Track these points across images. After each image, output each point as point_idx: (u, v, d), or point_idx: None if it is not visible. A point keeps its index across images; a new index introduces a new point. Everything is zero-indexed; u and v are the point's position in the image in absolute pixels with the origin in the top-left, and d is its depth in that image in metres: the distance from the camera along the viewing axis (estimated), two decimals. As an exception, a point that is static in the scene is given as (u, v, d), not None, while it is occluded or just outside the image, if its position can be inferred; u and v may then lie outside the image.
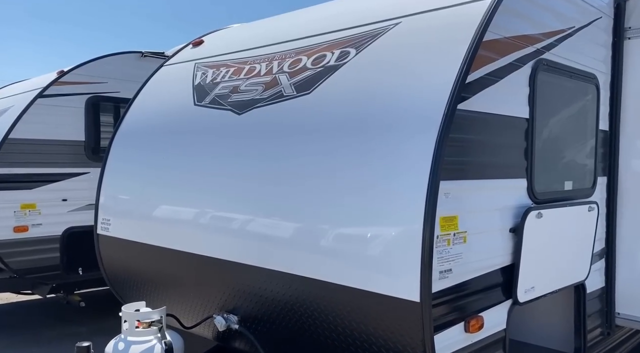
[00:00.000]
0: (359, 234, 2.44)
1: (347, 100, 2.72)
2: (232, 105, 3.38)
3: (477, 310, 2.53)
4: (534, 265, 2.83)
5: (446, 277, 2.34)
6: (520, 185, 2.83)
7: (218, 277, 3.20)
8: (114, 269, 4.04)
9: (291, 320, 2.80)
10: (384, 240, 2.35)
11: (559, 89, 3.10)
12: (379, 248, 2.36)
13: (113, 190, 4.05)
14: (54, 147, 6.03)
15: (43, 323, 6.54)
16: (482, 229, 2.56)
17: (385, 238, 2.34)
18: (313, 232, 2.63)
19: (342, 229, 2.52)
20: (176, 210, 3.48)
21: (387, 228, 2.35)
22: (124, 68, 6.48)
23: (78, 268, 6.07)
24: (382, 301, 2.34)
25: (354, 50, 2.96)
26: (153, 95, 4.24)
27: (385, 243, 2.34)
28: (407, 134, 2.38)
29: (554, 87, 3.04)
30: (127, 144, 4.10)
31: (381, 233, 2.36)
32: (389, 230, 2.33)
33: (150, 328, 2.83)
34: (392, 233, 2.32)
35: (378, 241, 2.37)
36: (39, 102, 5.95)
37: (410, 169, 2.31)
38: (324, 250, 2.56)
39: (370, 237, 2.40)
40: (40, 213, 5.91)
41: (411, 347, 2.29)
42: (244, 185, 3.07)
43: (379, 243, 2.36)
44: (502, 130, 2.69)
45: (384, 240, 2.35)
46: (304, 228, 2.69)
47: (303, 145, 2.81)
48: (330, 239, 2.56)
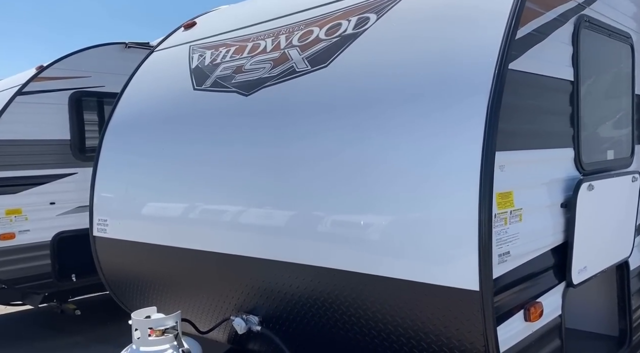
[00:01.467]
0: (403, 218, 2.15)
1: (374, 71, 2.42)
2: (238, 86, 3.06)
3: (535, 296, 2.26)
4: (586, 243, 2.57)
5: (505, 260, 2.06)
6: (568, 155, 2.57)
7: (234, 274, 2.89)
8: (114, 273, 3.71)
9: (322, 318, 2.51)
10: (433, 222, 2.06)
11: (599, 49, 2.84)
12: (428, 232, 2.07)
13: (108, 189, 3.71)
14: (38, 148, 5.65)
15: (37, 335, 6.17)
16: (537, 205, 2.30)
17: (435, 221, 2.05)
18: (348, 219, 2.33)
19: (382, 213, 2.22)
20: (181, 206, 3.16)
21: (436, 209, 2.06)
22: (108, 60, 6.11)
23: (71, 275, 5.74)
24: (433, 292, 2.06)
25: (374, 15, 2.66)
26: (145, 84, 3.90)
27: (435, 227, 2.05)
28: (452, 101, 2.09)
29: (595, 47, 2.78)
30: (120, 138, 3.76)
31: (430, 215, 2.07)
32: (439, 210, 2.05)
33: (165, 336, 2.51)
34: (443, 214, 2.03)
35: (427, 224, 2.08)
36: (19, 99, 5.55)
37: (459, 140, 2.02)
38: (362, 238, 2.27)
39: (416, 220, 2.11)
40: (27, 218, 5.54)
41: (469, 342, 2.01)
42: (258, 172, 2.76)
43: (428, 227, 2.07)
44: (551, 94, 2.42)
45: (433, 222, 2.06)
46: (337, 215, 2.39)
47: (325, 123, 2.50)
48: (370, 226, 2.26)
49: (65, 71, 5.90)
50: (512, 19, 2.06)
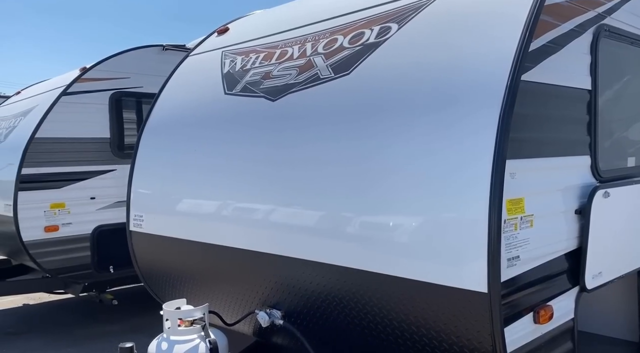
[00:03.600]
0: (419, 221, 2.26)
1: (392, 79, 2.53)
2: (265, 91, 3.21)
3: (545, 299, 2.33)
4: (601, 249, 2.61)
5: (514, 264, 2.15)
6: (584, 162, 2.61)
7: (260, 271, 3.05)
8: (149, 266, 3.93)
9: (340, 314, 2.64)
10: (446, 227, 2.16)
11: (620, 58, 2.86)
12: (441, 236, 2.17)
13: (144, 186, 3.93)
14: (80, 145, 5.96)
15: (76, 323, 6.52)
16: (548, 212, 2.36)
17: (448, 225, 2.15)
18: (365, 221, 2.45)
19: (398, 217, 2.33)
20: (212, 203, 3.34)
21: (449, 214, 2.16)
22: (146, 62, 6.37)
23: (109, 267, 6.02)
24: (445, 293, 2.16)
25: (396, 25, 2.76)
26: (180, 87, 4.10)
27: (447, 231, 2.15)
28: (467, 110, 2.18)
29: (616, 56, 2.81)
30: (156, 138, 3.97)
31: (443, 219, 2.17)
32: (452, 215, 2.14)
33: (193, 326, 2.69)
34: (455, 219, 2.13)
35: (440, 228, 2.18)
36: (63, 100, 5.87)
37: (472, 149, 2.12)
38: (379, 240, 2.38)
39: (431, 224, 2.21)
40: (69, 212, 5.86)
41: (478, 341, 2.11)
42: (285, 174, 2.91)
43: (441, 231, 2.17)
44: (566, 103, 2.47)
45: (446, 227, 2.16)
46: (355, 217, 2.51)
47: (343, 129, 2.62)
48: (385, 228, 2.37)
49: (106, 73, 6.19)
50: (526, 32, 2.13)
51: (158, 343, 2.66)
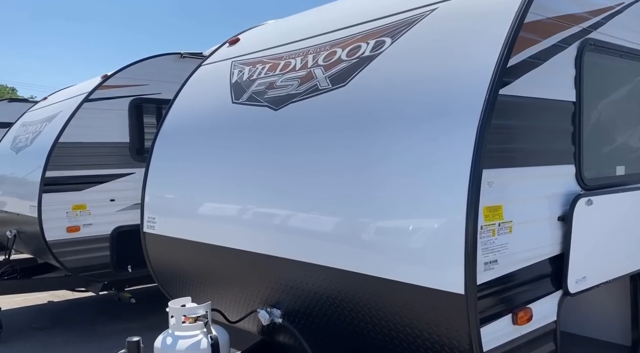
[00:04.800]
0: (401, 226, 2.40)
1: (383, 91, 2.68)
2: (269, 101, 3.39)
3: (525, 302, 2.45)
4: (585, 254, 2.71)
5: (492, 268, 2.27)
6: (568, 171, 2.72)
7: (262, 271, 3.22)
8: (161, 266, 4.14)
9: (334, 313, 2.79)
10: (426, 232, 2.30)
11: (608, 70, 2.95)
12: (421, 240, 2.31)
13: (157, 189, 4.14)
14: (101, 149, 6.22)
15: (97, 320, 6.79)
16: (529, 218, 2.47)
17: (428, 230, 2.29)
18: (354, 226, 2.60)
19: (384, 222, 2.48)
20: (218, 207, 3.53)
21: (429, 220, 2.30)
22: (164, 70, 6.62)
23: (127, 266, 6.25)
24: (426, 294, 2.29)
25: (390, 39, 2.91)
26: (192, 95, 4.31)
27: (428, 235, 2.29)
28: (447, 122, 2.32)
29: (603, 68, 2.90)
30: (168, 144, 4.19)
31: (424, 225, 2.31)
32: (432, 221, 2.28)
33: (197, 323, 2.87)
34: (435, 224, 2.27)
35: (421, 233, 2.32)
36: (85, 106, 6.15)
37: (451, 158, 2.25)
38: (365, 243, 2.54)
39: (412, 229, 2.35)
40: (90, 213, 6.13)
41: (457, 340, 2.24)
42: (283, 180, 3.08)
43: (422, 236, 2.31)
44: (548, 115, 2.58)
45: (426, 232, 2.30)
46: (345, 222, 2.67)
47: (339, 138, 2.78)
48: (372, 232, 2.52)
49: (126, 80, 6.46)
50: (505, 49, 2.26)
51: (163, 338, 2.85)
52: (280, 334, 3.27)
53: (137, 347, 2.71)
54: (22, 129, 7.44)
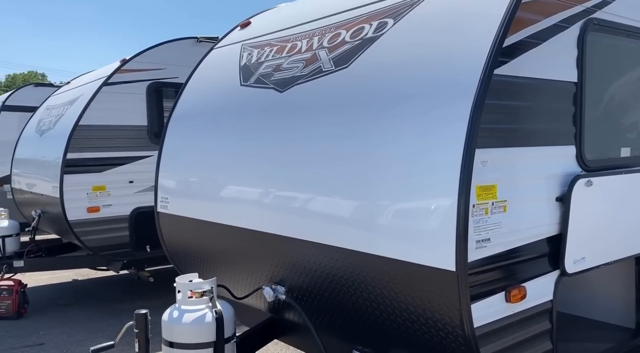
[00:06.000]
0: (397, 205, 2.45)
1: (383, 72, 2.71)
2: (275, 83, 3.44)
3: (519, 280, 2.47)
4: (584, 235, 2.71)
5: (484, 246, 2.30)
6: (569, 152, 2.71)
7: (267, 250, 3.31)
8: (173, 244, 4.27)
9: (334, 290, 2.86)
10: (420, 210, 2.34)
11: (614, 50, 2.91)
12: (416, 218, 2.36)
13: (169, 171, 4.26)
14: (120, 132, 6.38)
15: (117, 297, 7.03)
16: (525, 198, 2.49)
17: (422, 209, 2.33)
18: (353, 206, 2.66)
19: (381, 201, 2.52)
20: (225, 187, 3.62)
21: (423, 199, 2.34)
22: (181, 54, 6.71)
23: (146, 246, 6.41)
24: (420, 271, 2.34)
25: (392, 20, 2.92)
26: (203, 78, 4.39)
27: (421, 214, 2.33)
28: (442, 102, 2.34)
29: (608, 48, 2.87)
30: (180, 126, 4.29)
31: (417, 203, 2.36)
32: (425, 199, 2.32)
33: (202, 298, 2.98)
34: (428, 203, 2.30)
35: (415, 211, 2.36)
36: (104, 90, 6.31)
37: (445, 138, 2.28)
38: (363, 222, 2.59)
39: (407, 207, 2.40)
40: (109, 194, 6.31)
41: (448, 316, 2.28)
42: (287, 162, 3.14)
43: (416, 214, 2.36)
44: (547, 96, 2.58)
45: (420, 210, 2.34)
46: (344, 202, 2.72)
47: (338, 120, 2.82)
48: (370, 211, 2.57)
49: (143, 64, 6.58)
50: (501, 30, 2.26)
51: (170, 312, 2.96)
52: (284, 311, 3.36)
53: (144, 319, 2.83)
54: (46, 112, 7.66)
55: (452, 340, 2.32)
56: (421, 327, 2.44)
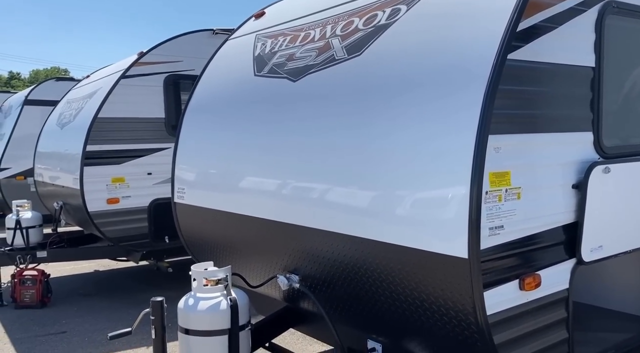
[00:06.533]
0: (409, 192, 2.44)
1: (395, 59, 2.69)
2: (288, 72, 3.44)
3: (533, 268, 2.44)
4: (601, 223, 2.67)
5: (497, 233, 2.28)
6: (586, 138, 2.66)
7: (281, 239, 3.32)
8: (190, 234, 4.32)
9: (347, 279, 2.87)
10: (432, 197, 2.33)
11: (633, 34, 2.84)
12: (428, 205, 2.34)
13: (185, 161, 4.29)
14: (138, 125, 6.46)
15: (137, 288, 7.15)
16: (541, 185, 2.45)
17: (434, 196, 2.32)
18: (365, 194, 2.65)
19: (393, 188, 2.51)
20: (241, 177, 3.64)
21: (436, 186, 2.32)
22: (197, 46, 6.74)
23: (165, 237, 6.50)
24: (433, 259, 2.33)
25: (405, 6, 2.89)
26: (218, 69, 4.41)
27: (433, 201, 2.32)
28: (455, 88, 2.31)
29: (627, 32, 2.80)
30: (195, 117, 4.32)
31: (430, 190, 2.34)
32: (438, 187, 2.30)
33: (217, 286, 3.01)
34: (441, 190, 2.29)
35: (427, 198, 2.35)
36: (122, 82, 6.38)
37: (457, 124, 2.26)
38: (376, 210, 2.58)
39: (419, 194, 2.38)
40: (129, 186, 6.40)
41: (461, 304, 2.27)
42: (300, 152, 3.14)
43: (428, 201, 2.34)
44: (563, 81, 2.53)
45: (432, 197, 2.33)
46: (357, 190, 2.72)
47: (351, 108, 2.81)
48: (382, 199, 2.57)
49: (160, 56, 6.64)
50: (514, 14, 2.22)
51: (186, 300, 3.00)
52: (299, 299, 3.38)
53: (160, 307, 2.87)
54: (67, 105, 7.79)
55: (465, 328, 2.31)
56: (434, 315, 2.43)
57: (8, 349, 5.08)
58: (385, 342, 3.02)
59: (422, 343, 2.72)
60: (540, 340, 2.52)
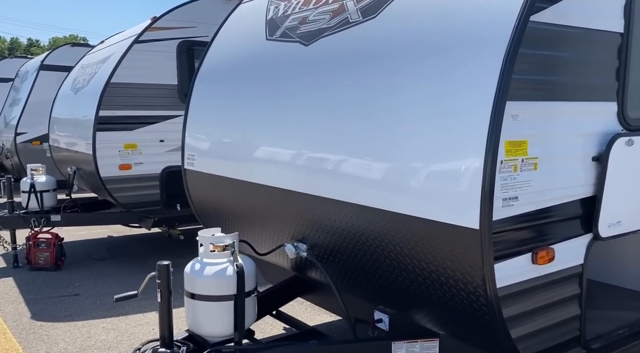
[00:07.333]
0: (421, 160, 2.35)
1: (412, 21, 2.56)
2: (300, 36, 3.33)
3: (547, 242, 2.36)
4: (621, 198, 2.56)
5: (511, 204, 2.19)
6: (609, 109, 2.54)
7: (290, 207, 3.27)
8: (199, 200, 4.30)
9: (354, 248, 2.82)
10: (445, 165, 2.24)
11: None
12: (440, 174, 2.26)
13: (195, 128, 4.24)
14: (151, 91, 6.40)
15: (149, 254, 7.22)
16: (559, 156, 2.35)
17: (446, 164, 2.23)
18: (377, 162, 2.57)
19: (406, 157, 2.43)
20: (251, 144, 3.58)
21: (449, 154, 2.23)
22: (211, 12, 6.59)
23: (176, 205, 6.50)
24: (444, 230, 2.26)
25: (423, -33, 2.75)
26: (230, 34, 4.30)
27: (446, 169, 2.23)
28: (473, 50, 2.20)
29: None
30: (206, 83, 4.24)
31: (443, 159, 2.25)
32: (450, 154, 2.22)
33: (224, 252, 2.98)
34: (454, 158, 2.20)
35: (439, 166, 2.26)
36: (135, 47, 6.31)
37: (474, 89, 2.15)
38: (387, 178, 2.51)
39: (433, 163, 2.30)
40: (141, 153, 6.39)
41: (471, 276, 2.21)
42: (311, 118, 3.06)
43: (441, 169, 2.26)
44: (588, 47, 2.39)
45: (445, 165, 2.24)
46: (368, 158, 2.64)
47: (364, 74, 2.71)
48: (395, 167, 2.48)
49: (174, 22, 6.53)
50: (539, -28, 2.09)
51: (192, 265, 2.98)
52: (307, 269, 3.35)
53: (166, 270, 2.85)
54: (81, 70, 7.76)
55: (473, 301, 2.25)
56: (442, 287, 2.37)
57: (22, 309, 5.18)
58: (392, 313, 2.98)
59: (430, 316, 2.67)
60: (550, 315, 2.46)
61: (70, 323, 4.84)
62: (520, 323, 2.33)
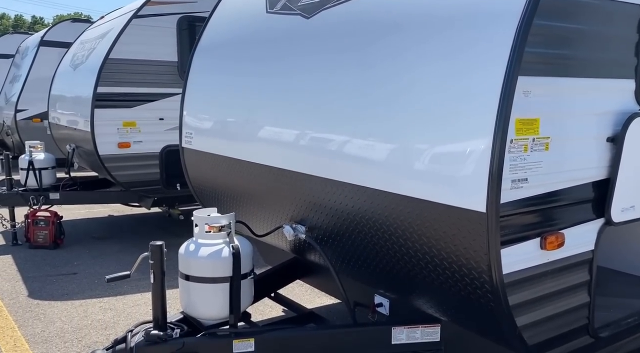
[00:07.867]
0: (427, 139, 2.22)
1: (419, -9, 2.41)
2: (302, 8, 3.18)
3: (557, 226, 2.24)
4: (636, 181, 2.43)
5: (520, 186, 2.07)
6: (627, 87, 2.40)
7: (289, 188, 3.16)
8: (197, 179, 4.19)
9: (354, 230, 2.71)
10: (450, 144, 2.11)
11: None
12: (445, 153, 2.13)
13: (193, 105, 4.11)
14: (150, 67, 6.25)
15: (149, 233, 7.14)
16: (572, 136, 2.22)
17: (452, 142, 2.10)
18: (378, 143, 2.45)
19: (411, 133, 2.30)
20: (249, 123, 3.45)
21: (456, 131, 2.10)
22: (213, -14, 6.42)
23: (176, 184, 6.38)
24: (448, 212, 2.14)
25: None
26: (229, 7, 4.14)
27: (452, 148, 2.10)
28: (483, 21, 2.05)
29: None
30: (204, 59, 4.10)
31: (450, 137, 2.12)
32: (458, 133, 2.09)
33: (220, 232, 2.88)
34: (461, 137, 2.07)
35: (444, 145, 2.14)
36: (134, 22, 6.13)
37: (484, 62, 2.01)
38: (389, 157, 2.38)
39: (436, 140, 2.17)
40: (140, 131, 6.26)
41: (475, 261, 2.10)
42: (311, 95, 2.93)
43: (446, 148, 2.13)
44: (606, 20, 2.24)
45: (450, 144, 2.11)
46: (369, 139, 2.51)
47: (366, 48, 2.57)
48: (399, 144, 2.36)
49: (174, -4, 6.35)
50: None
51: (187, 245, 2.89)
52: (306, 251, 3.25)
53: (160, 251, 2.76)
54: (80, 46, 7.60)
55: (478, 287, 2.14)
56: (445, 272, 2.26)
57: (20, 287, 5.13)
58: (393, 297, 2.89)
59: (432, 301, 2.58)
60: (558, 303, 2.35)
61: (67, 302, 4.78)
62: (526, 311, 2.23)
